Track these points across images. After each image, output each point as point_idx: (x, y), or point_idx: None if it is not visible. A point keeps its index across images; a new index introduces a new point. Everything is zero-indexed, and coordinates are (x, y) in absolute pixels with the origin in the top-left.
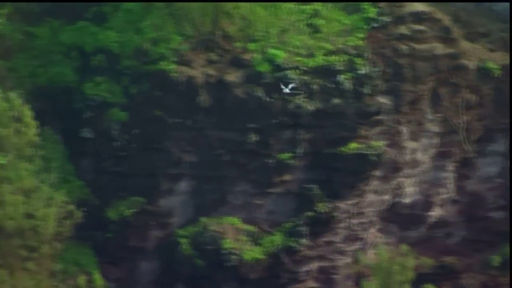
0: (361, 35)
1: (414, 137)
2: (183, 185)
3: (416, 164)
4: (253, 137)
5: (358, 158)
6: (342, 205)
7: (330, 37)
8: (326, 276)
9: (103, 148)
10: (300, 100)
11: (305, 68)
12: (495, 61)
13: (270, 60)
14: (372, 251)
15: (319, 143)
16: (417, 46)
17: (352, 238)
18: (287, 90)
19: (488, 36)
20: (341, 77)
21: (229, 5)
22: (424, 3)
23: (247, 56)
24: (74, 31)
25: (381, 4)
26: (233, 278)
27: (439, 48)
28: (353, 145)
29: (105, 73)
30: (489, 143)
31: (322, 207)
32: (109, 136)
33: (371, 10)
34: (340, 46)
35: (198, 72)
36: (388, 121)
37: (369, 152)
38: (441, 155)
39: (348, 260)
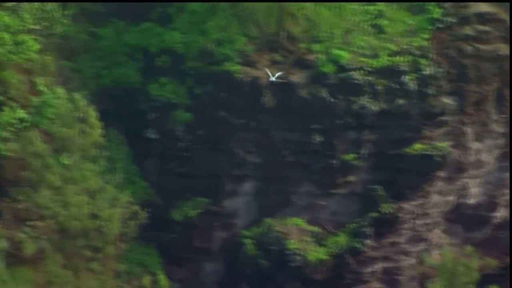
0: (426, 36)
1: (479, 137)
2: (247, 186)
3: (480, 165)
4: (317, 138)
5: (422, 159)
6: (407, 206)
7: (394, 38)
8: (390, 277)
9: (167, 149)
10: (364, 100)
11: (369, 69)
12: None
13: (335, 61)
14: (437, 252)
15: (384, 144)
16: (481, 46)
17: (417, 239)
18: (273, 79)
19: None
20: (405, 78)
21: (294, 6)
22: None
23: (311, 57)
24: (139, 32)
25: (446, 5)
26: (297, 278)
27: (504, 49)
28: (417, 146)
29: (169, 74)
30: None
31: (387, 208)
32: (173, 137)
33: (435, 11)
34: (405, 46)
35: (263, 73)
36: (453, 122)
37: (433, 153)
38: (506, 156)
39: (413, 261)
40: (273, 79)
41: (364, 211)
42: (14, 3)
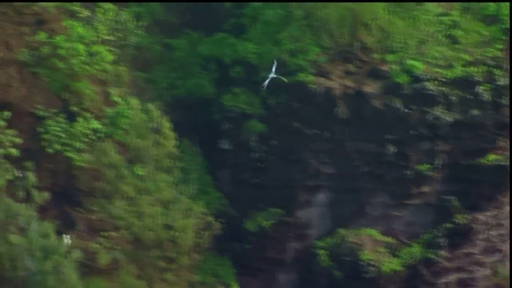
0: (500, 46)
1: None
2: (321, 197)
3: None
4: (391, 149)
5: (497, 170)
6: (481, 216)
7: (468, 48)
8: None
9: (241, 159)
10: (438, 111)
11: (443, 79)
12: None
13: (409, 71)
14: None
15: (458, 155)
16: None
17: (491, 249)
18: (271, 76)
19: None
20: (480, 88)
21: (367, 16)
22: None
23: (385, 67)
24: (213, 43)
25: None
26: None
27: None
28: (492, 157)
29: (243, 85)
30: None
31: (461, 218)
32: (247, 148)
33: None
34: (479, 57)
35: (336, 83)
36: None
37: (508, 163)
38: None
39: (487, 271)
40: (271, 76)
41: (439, 222)
42: (89, 14)
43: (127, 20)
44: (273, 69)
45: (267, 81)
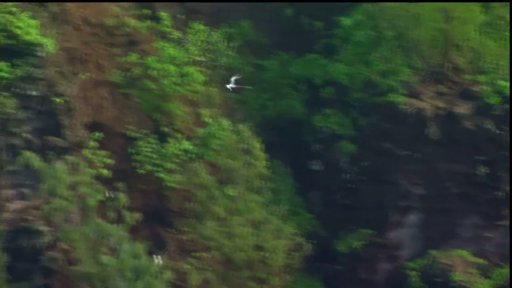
0: None
1: None
2: (412, 218)
3: None
4: (483, 170)
5: None
6: None
7: None
8: None
9: (331, 180)
10: None
11: None
12: None
13: (500, 92)
14: None
15: None
16: None
17: None
18: (231, 84)
19: None
20: None
21: (459, 37)
22: None
23: (476, 88)
24: (303, 64)
25: None
26: None
27: None
28: None
29: (334, 105)
30: None
31: None
32: (338, 169)
33: None
34: None
35: (427, 104)
36: None
37: None
38: None
39: None
40: (231, 85)
41: None
42: (180, 35)
43: (218, 41)
44: (233, 79)
45: (229, 85)
